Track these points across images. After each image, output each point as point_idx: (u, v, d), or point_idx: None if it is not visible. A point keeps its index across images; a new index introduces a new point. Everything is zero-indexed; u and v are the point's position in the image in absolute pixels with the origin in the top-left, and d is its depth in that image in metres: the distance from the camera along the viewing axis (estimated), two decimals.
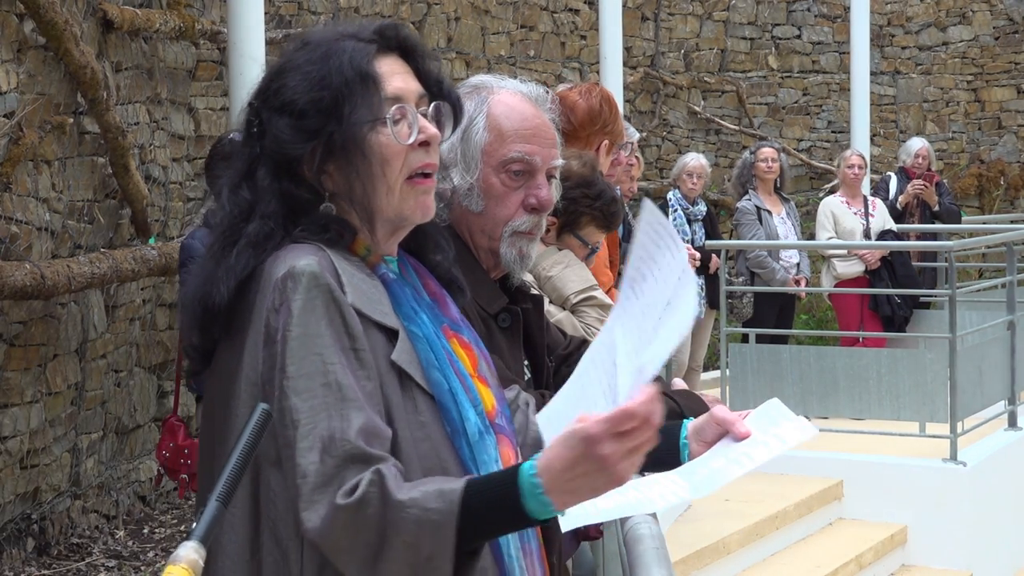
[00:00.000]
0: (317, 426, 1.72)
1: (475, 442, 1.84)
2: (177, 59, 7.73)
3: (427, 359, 1.84)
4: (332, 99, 1.83)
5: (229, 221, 1.85)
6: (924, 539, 7.51)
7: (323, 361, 1.75)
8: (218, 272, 1.82)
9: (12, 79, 6.00)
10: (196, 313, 1.84)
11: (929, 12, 14.05)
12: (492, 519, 1.71)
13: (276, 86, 1.86)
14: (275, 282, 1.78)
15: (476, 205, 2.34)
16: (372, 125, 1.84)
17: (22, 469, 6.24)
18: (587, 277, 3.51)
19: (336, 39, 1.87)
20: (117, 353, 7.14)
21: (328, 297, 1.77)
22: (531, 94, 2.40)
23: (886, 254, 9.29)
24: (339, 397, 1.74)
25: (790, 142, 13.75)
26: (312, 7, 9.40)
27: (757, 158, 9.11)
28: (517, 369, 2.34)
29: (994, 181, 13.78)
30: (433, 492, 1.70)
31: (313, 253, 1.80)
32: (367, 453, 1.71)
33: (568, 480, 1.68)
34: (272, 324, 1.77)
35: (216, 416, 1.87)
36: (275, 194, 1.84)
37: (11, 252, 5.90)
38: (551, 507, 1.70)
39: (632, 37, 12.92)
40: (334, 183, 1.87)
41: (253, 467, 1.76)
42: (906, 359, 7.81)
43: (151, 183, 7.37)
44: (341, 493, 1.69)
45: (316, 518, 1.69)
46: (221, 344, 1.85)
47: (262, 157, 1.86)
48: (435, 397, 1.83)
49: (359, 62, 1.85)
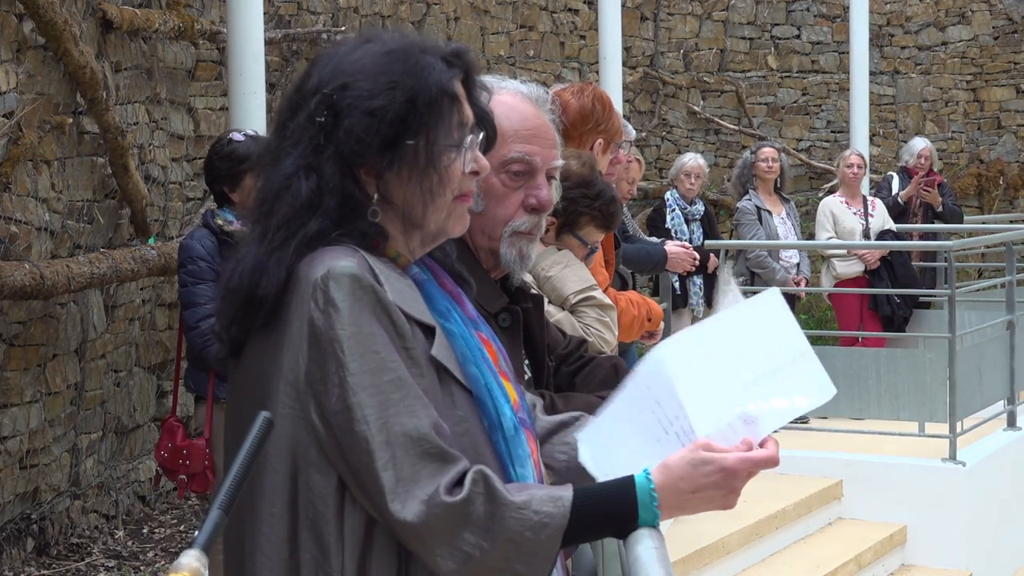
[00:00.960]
0: (389, 421, 1.75)
1: (511, 436, 1.88)
2: (176, 59, 7.73)
3: (463, 355, 1.88)
4: (420, 114, 1.85)
5: (293, 211, 1.83)
6: (923, 539, 7.50)
7: (383, 359, 1.77)
8: (270, 262, 1.82)
9: (11, 79, 6.00)
10: (239, 301, 1.83)
11: (928, 12, 14.05)
12: (598, 525, 1.83)
13: (364, 85, 1.85)
14: (314, 283, 1.78)
15: (476, 205, 2.33)
16: (450, 149, 1.88)
17: (22, 469, 6.25)
18: (586, 277, 3.51)
19: (420, 52, 1.89)
20: (116, 353, 7.14)
21: (374, 297, 1.79)
22: (531, 95, 2.40)
23: (885, 254, 9.29)
24: (405, 394, 1.77)
25: (789, 142, 13.75)
26: (311, 7, 9.40)
27: (757, 158, 9.10)
28: (518, 368, 2.34)
29: (993, 181, 13.78)
30: (544, 496, 1.79)
31: (350, 255, 1.81)
32: (444, 449, 1.77)
33: (686, 499, 1.84)
34: (318, 324, 1.77)
35: (247, 417, 1.87)
36: (339, 192, 1.84)
37: (10, 252, 5.90)
38: (658, 519, 1.84)
39: (631, 37, 12.92)
40: (388, 191, 1.88)
41: (290, 468, 1.79)
42: (905, 359, 7.81)
43: (150, 183, 7.37)
44: (443, 489, 1.74)
45: (410, 511, 1.73)
46: (254, 337, 1.85)
47: (329, 149, 1.85)
48: (472, 392, 1.87)
49: (447, 84, 1.88)
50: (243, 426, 1.86)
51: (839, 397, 7.67)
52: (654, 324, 4.29)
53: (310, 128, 1.86)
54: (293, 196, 1.84)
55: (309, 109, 1.86)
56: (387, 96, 1.84)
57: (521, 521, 1.76)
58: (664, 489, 1.84)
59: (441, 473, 1.75)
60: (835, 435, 7.99)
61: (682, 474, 1.84)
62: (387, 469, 1.74)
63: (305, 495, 1.79)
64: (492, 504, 1.75)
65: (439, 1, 10.88)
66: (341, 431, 1.76)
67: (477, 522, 1.75)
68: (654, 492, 1.83)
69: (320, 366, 1.77)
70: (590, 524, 1.82)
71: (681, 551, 6.00)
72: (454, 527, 1.74)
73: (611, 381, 2.46)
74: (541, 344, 2.45)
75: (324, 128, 1.85)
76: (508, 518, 1.76)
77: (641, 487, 1.84)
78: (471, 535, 1.75)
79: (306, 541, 1.79)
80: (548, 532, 1.77)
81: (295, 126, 1.87)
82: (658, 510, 1.84)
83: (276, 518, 1.80)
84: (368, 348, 1.76)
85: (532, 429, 1.98)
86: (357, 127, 1.83)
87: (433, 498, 1.74)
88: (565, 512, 1.78)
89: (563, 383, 2.49)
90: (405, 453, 1.74)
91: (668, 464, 1.85)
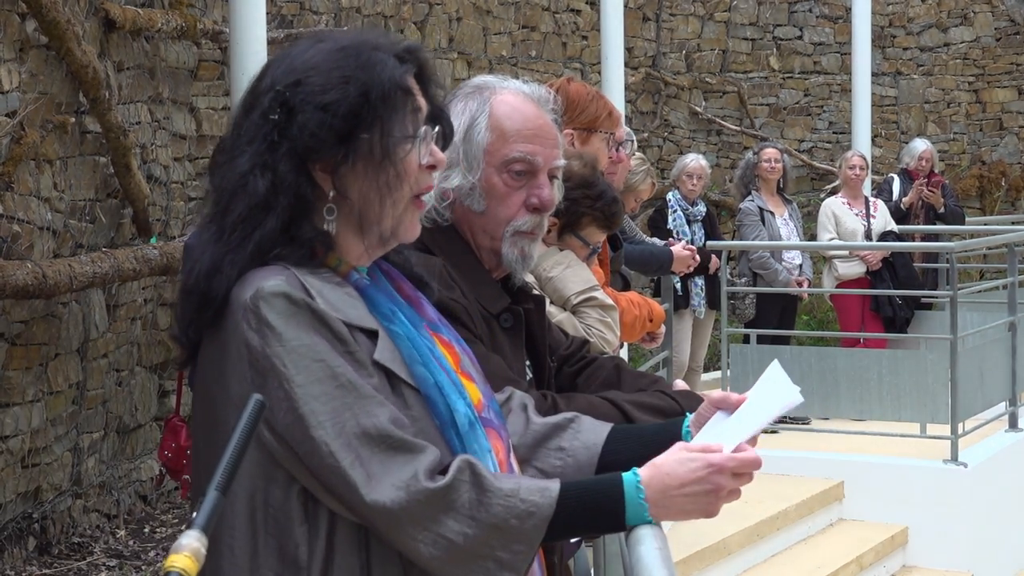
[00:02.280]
0: (346, 425, 1.76)
1: (465, 432, 1.87)
2: (179, 59, 7.73)
3: (410, 355, 1.87)
4: (374, 108, 1.85)
5: (248, 210, 1.83)
6: (925, 540, 7.51)
7: (328, 365, 1.77)
8: (224, 263, 1.82)
9: (14, 78, 6.00)
10: (195, 303, 1.84)
11: (930, 13, 14.05)
12: (585, 519, 1.85)
13: (316, 81, 1.85)
14: (244, 304, 1.78)
15: (478, 205, 2.34)
16: (406, 141, 1.87)
17: (23, 468, 6.25)
18: (588, 278, 3.51)
19: (372, 49, 1.89)
20: (118, 352, 7.14)
21: (307, 310, 1.79)
22: (533, 94, 2.40)
23: (887, 255, 9.29)
24: (357, 395, 1.78)
25: (791, 143, 13.75)
26: (314, 7, 9.40)
27: (760, 159, 9.10)
28: (519, 369, 2.34)
29: (995, 182, 13.78)
30: (532, 486, 1.81)
31: (279, 273, 1.81)
32: (408, 440, 1.78)
33: (673, 496, 1.87)
34: (254, 345, 1.77)
35: (201, 445, 1.88)
36: (293, 190, 1.84)
37: (13, 251, 5.90)
38: (647, 516, 1.87)
39: (633, 38, 12.92)
40: (344, 186, 1.87)
41: (247, 489, 1.79)
42: (907, 360, 7.81)
43: (153, 183, 7.37)
44: (423, 474, 1.75)
45: (387, 496, 1.74)
46: (204, 342, 1.86)
47: (284, 146, 1.85)
48: (421, 391, 1.87)
49: (400, 78, 1.88)
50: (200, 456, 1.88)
51: (840, 398, 7.67)
52: (655, 324, 4.29)
53: (264, 126, 1.85)
54: (249, 195, 1.84)
55: (263, 107, 1.86)
56: (340, 90, 1.84)
57: (508, 508, 1.78)
58: (652, 485, 1.87)
59: (413, 461, 1.77)
60: (837, 436, 7.99)
61: (669, 469, 1.88)
62: (355, 467, 1.75)
63: (264, 512, 1.80)
64: (479, 491, 1.77)
65: (441, 1, 10.88)
66: (297, 441, 1.76)
67: (461, 509, 1.76)
68: (640, 485, 1.86)
69: (262, 385, 1.76)
70: (577, 517, 1.83)
71: (683, 551, 6.00)
72: (436, 513, 1.76)
73: (613, 381, 2.46)
74: (542, 345, 2.45)
75: (278, 125, 1.84)
76: (495, 505, 1.77)
77: (628, 483, 1.87)
78: (455, 522, 1.76)
79: (269, 559, 1.79)
80: (534, 521, 1.78)
81: (249, 124, 1.87)
82: (645, 503, 1.86)
83: (236, 540, 1.81)
84: (311, 359, 1.77)
85: (499, 428, 1.97)
86: (310, 122, 1.83)
87: (412, 484, 1.75)
88: (552, 502, 1.80)
89: (565, 384, 2.49)
90: (370, 452, 1.76)
91: (656, 462, 1.90)
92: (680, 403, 2.33)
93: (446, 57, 10.87)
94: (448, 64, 10.88)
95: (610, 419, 2.22)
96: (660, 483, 1.87)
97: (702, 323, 8.78)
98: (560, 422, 2.11)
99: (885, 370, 7.74)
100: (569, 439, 2.09)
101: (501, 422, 2.00)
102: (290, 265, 1.83)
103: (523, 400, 2.15)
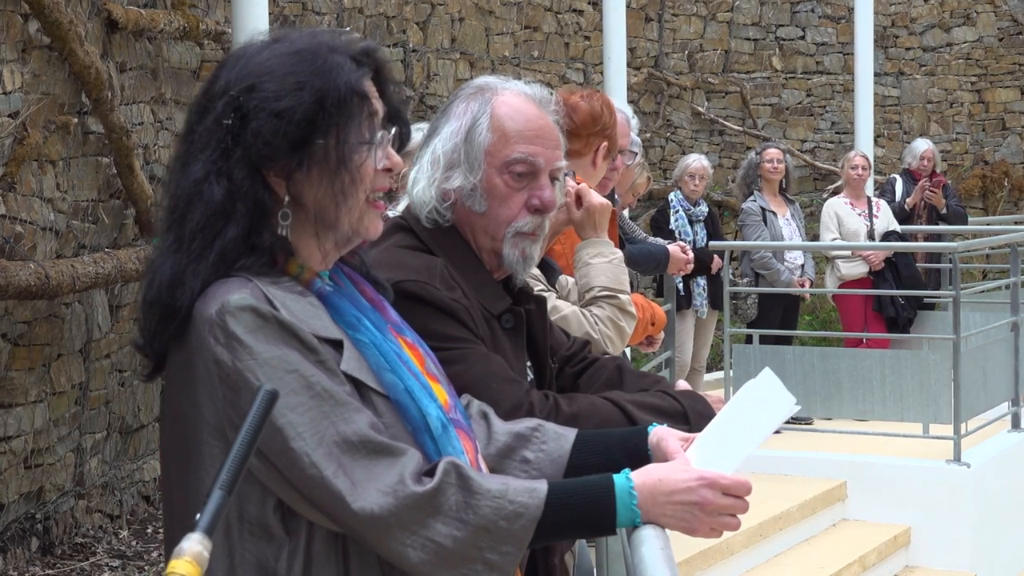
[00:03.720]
0: (326, 434, 1.74)
1: (439, 435, 1.86)
2: (181, 59, 7.74)
3: (377, 363, 1.85)
4: (328, 114, 1.82)
5: (206, 218, 1.81)
6: (928, 540, 7.50)
7: (301, 375, 1.75)
8: (186, 273, 1.79)
9: (16, 79, 6.01)
10: (158, 314, 1.81)
11: (933, 13, 14.04)
12: (574, 520, 1.83)
13: (270, 87, 1.82)
14: (209, 319, 1.76)
15: (479, 206, 2.34)
16: (361, 146, 1.85)
17: (26, 469, 6.25)
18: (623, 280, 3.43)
19: (328, 52, 1.86)
20: (121, 353, 7.14)
21: (275, 322, 1.76)
22: (535, 96, 2.40)
23: (890, 255, 9.29)
24: (334, 403, 1.76)
25: (794, 143, 13.75)
26: (316, 7, 9.41)
27: (763, 159, 9.10)
28: (520, 370, 2.34)
29: (998, 182, 13.77)
30: (520, 487, 1.80)
31: (242, 286, 1.78)
32: (389, 444, 1.76)
33: (663, 503, 1.86)
34: (223, 359, 1.74)
35: (173, 466, 1.84)
36: (250, 197, 1.81)
37: (15, 252, 5.90)
38: (637, 519, 1.85)
39: (636, 38, 12.92)
40: (299, 191, 1.85)
41: (225, 532, 1.76)
42: (910, 360, 7.81)
43: (155, 183, 7.37)
44: (410, 478, 1.74)
45: (376, 503, 1.72)
46: (171, 354, 1.83)
47: (237, 152, 1.82)
48: (391, 398, 1.85)
49: (357, 83, 1.85)
50: (171, 479, 1.84)
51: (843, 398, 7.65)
52: (656, 329, 4.27)
53: (218, 131, 1.83)
54: (205, 203, 1.81)
55: (216, 112, 1.83)
56: (294, 97, 1.81)
57: (496, 510, 1.76)
58: (643, 489, 1.86)
59: (396, 464, 1.75)
60: (839, 436, 7.99)
61: (662, 475, 1.88)
62: (338, 476, 1.72)
63: (239, 526, 1.77)
64: (466, 493, 1.76)
65: (443, 2, 10.88)
66: (276, 454, 1.73)
67: (449, 512, 1.75)
68: (633, 491, 1.85)
69: (235, 400, 1.74)
70: (567, 519, 1.82)
71: (685, 552, 6.00)
72: (424, 517, 1.74)
73: (615, 382, 2.45)
74: (543, 345, 2.44)
75: (232, 131, 1.82)
76: (483, 506, 1.76)
77: (620, 485, 1.86)
78: (443, 525, 1.75)
79: (247, 574, 1.77)
80: (522, 522, 1.77)
81: (203, 130, 1.84)
82: (637, 509, 1.85)
83: (212, 556, 1.78)
84: (284, 370, 1.74)
85: (467, 429, 1.95)
86: (264, 129, 1.80)
87: (399, 489, 1.73)
88: (540, 503, 1.78)
89: (567, 385, 2.49)
90: (352, 458, 1.73)
91: (649, 468, 1.90)
92: (682, 403, 2.33)
93: (448, 57, 10.87)
94: (450, 64, 10.88)
95: (612, 419, 2.23)
96: (652, 488, 1.86)
97: (704, 323, 8.78)
98: (522, 431, 2.08)
99: (888, 370, 7.73)
100: (534, 450, 2.06)
101: (468, 423, 1.99)
102: (252, 275, 1.80)
103: (482, 408, 2.13)
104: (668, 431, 2.08)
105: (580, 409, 2.23)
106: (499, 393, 2.18)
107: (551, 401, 2.24)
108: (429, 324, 2.13)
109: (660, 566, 1.76)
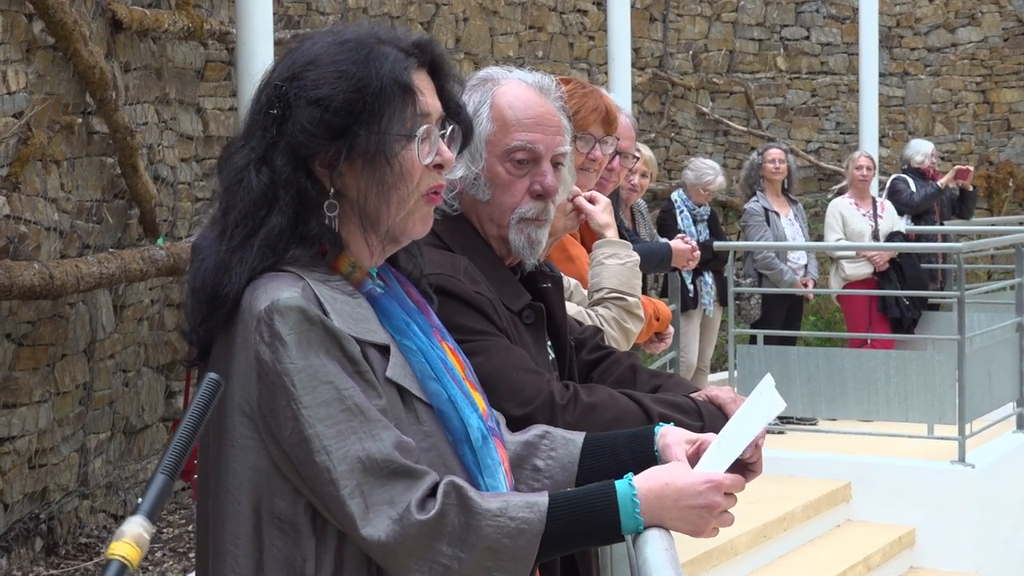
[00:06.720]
0: (350, 450, 1.73)
1: (479, 447, 1.86)
2: (186, 59, 7.74)
3: (422, 371, 1.85)
4: (369, 104, 1.81)
5: (248, 206, 1.81)
6: (932, 541, 7.49)
7: (335, 388, 1.75)
8: (232, 261, 1.80)
9: (21, 79, 6.01)
10: (204, 300, 1.82)
11: (938, 13, 14.03)
12: (579, 531, 1.81)
13: (312, 75, 1.82)
14: (258, 315, 1.76)
15: (483, 194, 2.37)
16: (402, 139, 1.83)
17: (30, 469, 6.25)
18: (634, 284, 3.41)
19: (376, 43, 1.86)
20: (125, 353, 7.15)
21: (321, 327, 1.76)
22: (537, 83, 2.42)
23: (895, 256, 9.28)
24: (363, 419, 1.75)
25: (798, 143, 13.74)
26: (320, 7, 9.41)
27: (764, 159, 9.10)
28: (543, 362, 2.36)
29: (1003, 183, 13.76)
30: (520, 502, 1.77)
31: (294, 284, 1.78)
32: (410, 467, 1.75)
33: (668, 507, 1.83)
34: (264, 358, 1.75)
35: (209, 449, 1.85)
36: (293, 186, 1.81)
37: (20, 252, 5.90)
38: (641, 525, 1.82)
39: (640, 38, 12.91)
40: (344, 184, 1.84)
41: (253, 499, 1.77)
42: (914, 361, 7.80)
43: (159, 183, 7.37)
44: (415, 506, 1.73)
45: (382, 531, 1.72)
46: (217, 341, 1.83)
47: (281, 142, 1.82)
48: (434, 407, 1.84)
49: (400, 73, 1.84)
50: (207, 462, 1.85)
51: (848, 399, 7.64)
52: (663, 324, 4.26)
53: (263, 121, 1.84)
54: (245, 191, 1.82)
55: (262, 103, 1.85)
56: (333, 85, 1.81)
57: (498, 528, 1.75)
58: (648, 495, 1.83)
59: (411, 490, 1.74)
60: (844, 437, 7.98)
61: (668, 479, 1.85)
62: (353, 497, 1.72)
63: (270, 523, 1.78)
64: (466, 514, 1.74)
65: (448, 2, 10.88)
66: (300, 463, 1.74)
67: (452, 534, 1.73)
68: (636, 499, 1.82)
69: (270, 400, 1.75)
70: (572, 531, 1.80)
71: (690, 552, 5.99)
72: (430, 542, 1.73)
73: (627, 381, 2.46)
74: (563, 324, 2.47)
75: (276, 120, 1.82)
76: (485, 526, 1.74)
77: (623, 492, 1.83)
78: (448, 547, 1.74)
79: (274, 571, 1.77)
80: (526, 538, 1.75)
81: (251, 121, 1.86)
82: (640, 517, 1.82)
83: (241, 550, 1.78)
84: (320, 379, 1.74)
85: (500, 436, 1.95)
86: (303, 117, 1.80)
87: (405, 517, 1.72)
88: (542, 517, 1.76)
89: (581, 373, 2.50)
90: (372, 478, 1.73)
91: (653, 471, 1.87)
92: (696, 401, 2.33)
93: (453, 58, 10.87)
94: (455, 65, 10.88)
95: (629, 412, 2.23)
96: (657, 493, 1.83)
97: (710, 322, 8.77)
98: (531, 440, 2.07)
99: (892, 371, 7.72)
100: (544, 458, 2.05)
101: (500, 430, 1.98)
102: (303, 269, 1.80)
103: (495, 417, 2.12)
104: (675, 432, 2.06)
105: (599, 400, 2.24)
106: (520, 382, 2.20)
107: (571, 390, 2.25)
108: (454, 317, 2.14)
109: (665, 567, 1.75)
